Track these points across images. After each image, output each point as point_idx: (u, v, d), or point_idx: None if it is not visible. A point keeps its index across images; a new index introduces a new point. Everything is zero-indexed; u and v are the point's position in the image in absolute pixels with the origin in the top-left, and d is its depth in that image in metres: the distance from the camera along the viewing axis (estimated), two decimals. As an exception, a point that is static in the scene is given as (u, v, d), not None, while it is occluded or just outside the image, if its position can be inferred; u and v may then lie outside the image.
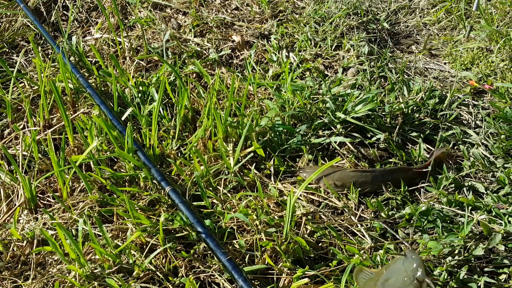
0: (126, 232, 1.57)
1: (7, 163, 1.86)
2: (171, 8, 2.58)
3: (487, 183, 1.76)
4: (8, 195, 1.77)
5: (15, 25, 2.60)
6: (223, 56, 2.31)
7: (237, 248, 1.53)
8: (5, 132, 2.05)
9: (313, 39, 2.36)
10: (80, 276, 1.45)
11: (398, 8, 2.67)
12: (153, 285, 1.43)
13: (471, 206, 1.64)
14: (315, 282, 1.45)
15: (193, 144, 1.81)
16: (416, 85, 2.11)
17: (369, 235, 1.57)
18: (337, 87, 2.04)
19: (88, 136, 1.82)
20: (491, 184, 1.75)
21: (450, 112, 2.02)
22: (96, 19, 2.59)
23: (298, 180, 1.75)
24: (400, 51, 2.42)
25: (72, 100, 2.07)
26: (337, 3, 2.59)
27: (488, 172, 1.79)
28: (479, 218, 1.59)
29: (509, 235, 1.55)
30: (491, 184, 1.75)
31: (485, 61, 2.24)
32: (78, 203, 1.68)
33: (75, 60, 2.26)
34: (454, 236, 1.53)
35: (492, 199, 1.66)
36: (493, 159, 1.82)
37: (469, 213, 1.60)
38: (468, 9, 2.53)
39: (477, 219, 1.57)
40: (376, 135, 1.89)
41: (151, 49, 2.31)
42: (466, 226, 1.53)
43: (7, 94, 2.09)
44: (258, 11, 2.56)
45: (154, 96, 2.02)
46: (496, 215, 1.61)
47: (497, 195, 1.68)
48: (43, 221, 1.65)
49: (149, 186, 1.70)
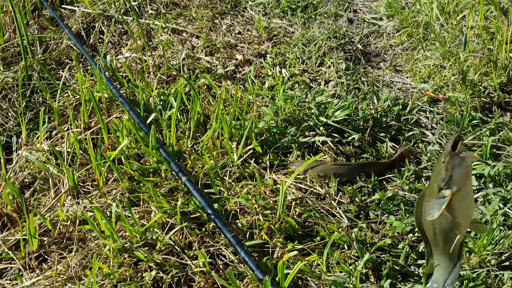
0: (150, 213, 1.57)
1: (55, 158, 1.86)
2: (187, 32, 2.58)
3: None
4: (55, 184, 1.77)
5: (61, 46, 2.59)
6: (228, 71, 2.31)
7: (240, 226, 1.53)
8: (53, 133, 2.04)
9: (301, 58, 2.36)
10: (113, 249, 1.45)
11: (369, 33, 2.67)
12: (172, 257, 1.44)
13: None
14: (303, 254, 1.45)
15: (204, 143, 1.81)
16: (383, 95, 2.11)
17: (346, 216, 1.57)
18: (320, 96, 2.03)
19: (120, 136, 1.82)
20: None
21: (411, 117, 2.02)
22: (126, 42, 2.58)
23: (288, 171, 1.74)
24: (371, 67, 2.41)
25: (107, 107, 2.07)
26: (320, 28, 2.59)
27: (442, 165, 1.79)
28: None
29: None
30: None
31: (439, 75, 2.24)
32: (112, 190, 1.68)
33: (109, 74, 2.26)
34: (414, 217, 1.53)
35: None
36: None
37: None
38: (425, 33, 2.52)
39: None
40: (351, 135, 1.89)
41: (171, 65, 2.31)
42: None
43: (54, 102, 2.09)
44: (256, 35, 2.56)
45: (172, 104, 2.02)
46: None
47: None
48: (83, 205, 1.65)
49: (169, 176, 1.70)
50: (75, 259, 1.46)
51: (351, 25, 2.72)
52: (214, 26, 2.63)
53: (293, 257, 1.41)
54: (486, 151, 1.79)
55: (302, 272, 1.37)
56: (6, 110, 2.22)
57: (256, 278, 1.34)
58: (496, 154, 1.82)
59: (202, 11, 2.72)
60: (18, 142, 2.09)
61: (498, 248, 1.44)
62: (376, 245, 1.45)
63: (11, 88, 2.31)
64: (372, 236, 1.50)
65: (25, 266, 1.51)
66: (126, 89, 2.16)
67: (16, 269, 1.50)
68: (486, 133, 1.89)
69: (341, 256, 1.43)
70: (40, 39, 2.64)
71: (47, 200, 1.74)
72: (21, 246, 1.54)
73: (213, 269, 1.40)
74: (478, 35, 2.40)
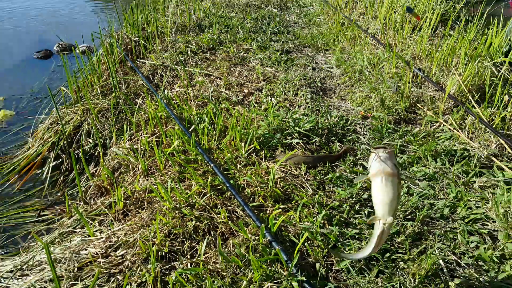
0: (191, 186, 1.58)
1: (133, 152, 1.87)
2: (214, 76, 2.58)
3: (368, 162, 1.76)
4: (133, 168, 1.78)
5: (137, 84, 2.60)
6: (239, 99, 2.31)
7: (246, 194, 1.54)
8: (132, 137, 2.05)
9: (283, 91, 2.35)
10: (169, 208, 1.45)
11: (325, 76, 2.67)
12: (204, 212, 1.44)
13: (361, 173, 1.64)
14: (285, 211, 1.46)
15: (224, 143, 1.81)
16: (334, 114, 2.10)
17: (311, 188, 1.58)
18: (295, 115, 2.03)
19: (173, 139, 1.82)
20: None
21: (351, 127, 2.02)
22: (176, 81, 2.58)
23: (276, 161, 1.74)
24: (326, 97, 2.41)
25: (165, 121, 2.07)
26: (295, 73, 2.58)
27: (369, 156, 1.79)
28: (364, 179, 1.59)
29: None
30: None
31: (368, 102, 2.24)
32: (168, 172, 1.68)
33: (166, 101, 2.26)
34: (353, 188, 1.53)
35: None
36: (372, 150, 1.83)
37: (360, 177, 1.60)
38: (359, 76, 2.53)
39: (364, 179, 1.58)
40: (314, 138, 1.89)
41: (204, 96, 2.31)
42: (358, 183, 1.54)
43: (133, 118, 2.10)
44: (256, 77, 2.56)
45: (205, 119, 2.02)
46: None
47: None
48: (150, 181, 1.65)
49: (203, 163, 1.71)
50: (145, 214, 1.47)
51: (314, 71, 2.72)
52: (230, 72, 2.63)
53: (279, 213, 1.41)
54: (396, 148, 1.79)
55: (284, 222, 1.38)
56: (104, 123, 2.23)
57: (256, 225, 1.35)
58: (402, 150, 1.82)
59: (223, 63, 2.72)
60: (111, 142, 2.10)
61: (404, 208, 1.45)
62: (329, 205, 1.46)
63: (107, 110, 2.32)
64: (327, 200, 1.51)
65: (115, 218, 1.52)
66: (177, 110, 2.16)
67: (110, 220, 1.51)
68: (397, 137, 1.90)
69: (308, 212, 1.43)
70: (124, 80, 2.64)
71: (128, 178, 1.75)
72: (113, 206, 1.54)
73: (230, 220, 1.41)
74: (391, 77, 2.40)
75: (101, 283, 1.21)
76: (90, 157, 2.15)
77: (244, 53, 2.89)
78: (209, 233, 1.36)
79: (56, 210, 1.81)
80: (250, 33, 3.26)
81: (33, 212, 1.82)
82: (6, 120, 2.56)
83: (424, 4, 3.32)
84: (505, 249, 1.27)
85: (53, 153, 2.16)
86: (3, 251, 1.59)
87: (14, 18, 4.59)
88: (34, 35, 4.05)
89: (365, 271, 1.21)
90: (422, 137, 1.89)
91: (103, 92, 2.50)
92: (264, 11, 3.93)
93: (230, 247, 1.29)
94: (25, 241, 1.65)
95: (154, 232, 1.34)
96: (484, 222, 1.39)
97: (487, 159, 1.70)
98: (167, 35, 3.12)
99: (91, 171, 2.05)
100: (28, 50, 3.67)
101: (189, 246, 1.31)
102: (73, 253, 1.31)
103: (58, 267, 1.26)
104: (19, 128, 2.47)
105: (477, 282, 1.18)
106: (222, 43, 3.05)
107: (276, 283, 1.16)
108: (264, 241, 1.27)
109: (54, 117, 2.34)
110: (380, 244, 1.05)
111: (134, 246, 1.31)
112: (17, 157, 2.18)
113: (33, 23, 4.40)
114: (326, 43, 3.18)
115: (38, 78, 3.16)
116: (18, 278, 1.27)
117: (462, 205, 1.45)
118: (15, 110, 2.68)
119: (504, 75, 2.20)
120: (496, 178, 1.57)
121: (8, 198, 1.91)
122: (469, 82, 2.17)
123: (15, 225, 1.74)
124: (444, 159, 1.70)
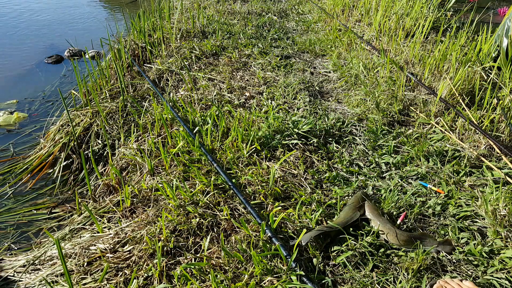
0: (195, 185, 1.58)
1: (140, 152, 1.87)
2: (217, 80, 2.58)
3: (364, 162, 1.76)
4: (140, 167, 1.78)
5: (144, 88, 2.60)
6: (241, 102, 2.31)
7: (248, 192, 1.54)
8: (139, 138, 2.06)
9: (283, 95, 2.36)
10: (174, 206, 1.46)
11: (323, 80, 2.67)
12: (208, 210, 1.44)
13: (356, 173, 1.65)
14: (284, 208, 1.46)
15: (227, 144, 1.82)
16: (331, 116, 2.11)
17: (309, 187, 1.58)
18: (294, 117, 2.03)
19: (178, 140, 1.83)
20: (366, 163, 1.76)
21: (347, 129, 2.02)
22: (181, 85, 2.59)
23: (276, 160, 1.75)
24: (324, 100, 2.41)
25: (170, 123, 2.07)
26: (294, 77, 2.59)
27: (365, 157, 1.79)
28: (361, 178, 1.59)
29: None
30: (366, 163, 1.76)
31: (364, 105, 2.24)
32: (173, 171, 1.68)
33: (172, 104, 2.27)
34: (349, 187, 1.53)
35: (367, 170, 1.67)
36: (367, 151, 1.83)
37: (355, 177, 1.60)
38: (355, 80, 2.53)
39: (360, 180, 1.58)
40: (313, 139, 1.89)
41: (207, 99, 2.31)
42: (354, 183, 1.54)
43: (140, 120, 2.10)
44: (257, 81, 2.56)
45: (208, 121, 2.02)
46: (368, 177, 1.62)
47: (368, 168, 1.68)
48: (156, 180, 1.66)
49: (206, 163, 1.71)
50: (152, 211, 1.47)
51: (312, 76, 2.72)
52: (233, 76, 2.63)
53: (278, 210, 1.42)
54: (390, 148, 1.80)
55: (284, 219, 1.38)
56: (112, 125, 2.23)
57: (257, 222, 1.35)
58: (396, 150, 1.83)
59: (226, 68, 2.72)
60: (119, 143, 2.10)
61: (398, 205, 1.45)
62: (326, 203, 1.46)
63: (115, 112, 2.32)
64: (324, 198, 1.51)
65: (122, 215, 1.52)
66: (181, 112, 2.17)
67: (118, 217, 1.51)
68: (391, 139, 1.90)
69: (306, 209, 1.43)
70: (131, 84, 2.65)
71: (135, 177, 1.75)
72: (120, 204, 1.55)
73: (232, 217, 1.41)
74: (386, 81, 2.40)
75: (110, 277, 1.21)
76: (99, 157, 2.15)
77: (246, 58, 2.90)
78: (212, 230, 1.36)
79: (67, 207, 1.82)
80: (251, 39, 3.27)
81: (44, 210, 1.82)
82: (19, 122, 2.57)
83: (417, 11, 3.32)
84: (493, 244, 1.27)
85: (64, 154, 2.16)
86: (17, 246, 1.60)
87: (28, 24, 4.61)
88: (45, 41, 4.06)
89: (360, 265, 1.21)
90: (415, 138, 1.89)
91: (111, 96, 2.50)
92: (265, 18, 3.93)
93: (232, 243, 1.29)
94: (37, 237, 1.65)
95: (160, 228, 1.35)
96: (474, 219, 1.39)
97: (477, 159, 1.71)
98: (172, 41, 3.13)
99: (100, 171, 2.05)
100: (40, 55, 3.68)
101: (193, 242, 1.32)
102: (83, 248, 1.31)
103: (69, 261, 1.26)
104: (31, 130, 2.48)
105: (467, 276, 1.18)
106: (224, 49, 3.06)
107: (276, 277, 1.16)
108: (265, 237, 1.27)
109: (65, 119, 2.35)
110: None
111: (141, 242, 1.31)
112: (30, 157, 2.19)
113: (45, 30, 4.42)
114: (323, 49, 3.18)
115: (50, 82, 3.17)
116: (30, 272, 1.28)
117: (453, 203, 1.45)
118: (28, 113, 2.68)
119: (493, 79, 2.20)
120: (485, 177, 1.57)
121: (21, 196, 1.92)
122: (460, 86, 2.17)
123: (27, 222, 1.75)
124: (436, 159, 1.70)
